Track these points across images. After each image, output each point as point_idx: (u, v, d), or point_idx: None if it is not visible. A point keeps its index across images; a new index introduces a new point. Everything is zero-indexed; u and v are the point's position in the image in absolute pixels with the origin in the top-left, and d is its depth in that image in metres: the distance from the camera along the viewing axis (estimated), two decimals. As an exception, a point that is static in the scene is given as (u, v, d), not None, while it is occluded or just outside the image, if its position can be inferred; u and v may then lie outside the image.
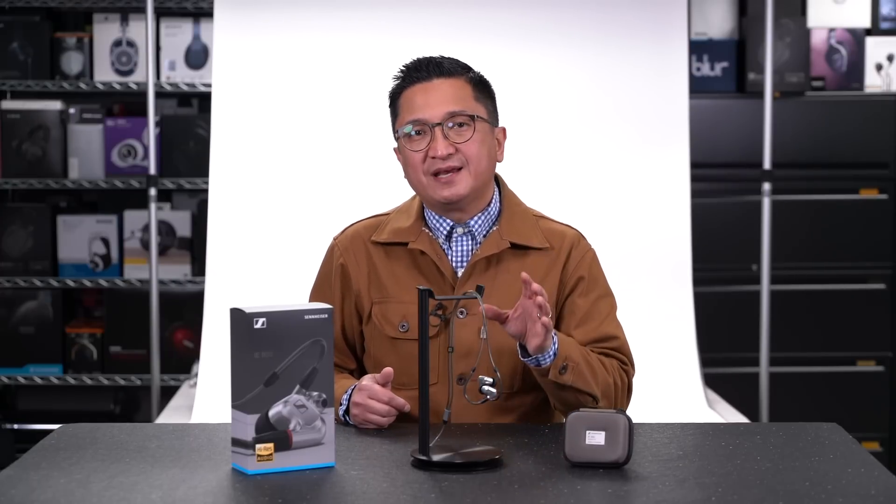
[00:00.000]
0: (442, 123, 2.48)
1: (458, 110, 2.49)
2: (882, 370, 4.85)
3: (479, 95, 2.54)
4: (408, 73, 2.54)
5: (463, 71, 2.54)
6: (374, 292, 2.56)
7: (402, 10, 4.06)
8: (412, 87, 2.52)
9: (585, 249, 2.59)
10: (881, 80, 4.91)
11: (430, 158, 2.49)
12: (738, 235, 4.74)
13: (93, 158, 4.90)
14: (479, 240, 2.55)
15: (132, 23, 4.89)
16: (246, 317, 2.04)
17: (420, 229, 2.55)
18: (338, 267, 2.60)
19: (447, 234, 2.55)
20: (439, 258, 2.53)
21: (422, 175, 2.51)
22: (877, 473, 2.06)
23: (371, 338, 2.57)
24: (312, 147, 4.02)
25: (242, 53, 4.05)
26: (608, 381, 2.47)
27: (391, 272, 2.56)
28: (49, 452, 2.19)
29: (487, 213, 2.56)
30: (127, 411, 5.05)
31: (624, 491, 1.99)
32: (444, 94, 2.50)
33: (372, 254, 2.58)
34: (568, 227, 2.62)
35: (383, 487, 2.00)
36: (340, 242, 2.62)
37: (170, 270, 4.87)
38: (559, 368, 2.37)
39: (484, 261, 2.53)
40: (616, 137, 4.05)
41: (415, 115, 2.50)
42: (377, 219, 2.63)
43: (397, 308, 2.54)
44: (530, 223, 2.58)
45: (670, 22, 4.09)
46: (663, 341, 3.91)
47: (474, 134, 2.50)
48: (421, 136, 2.50)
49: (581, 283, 2.55)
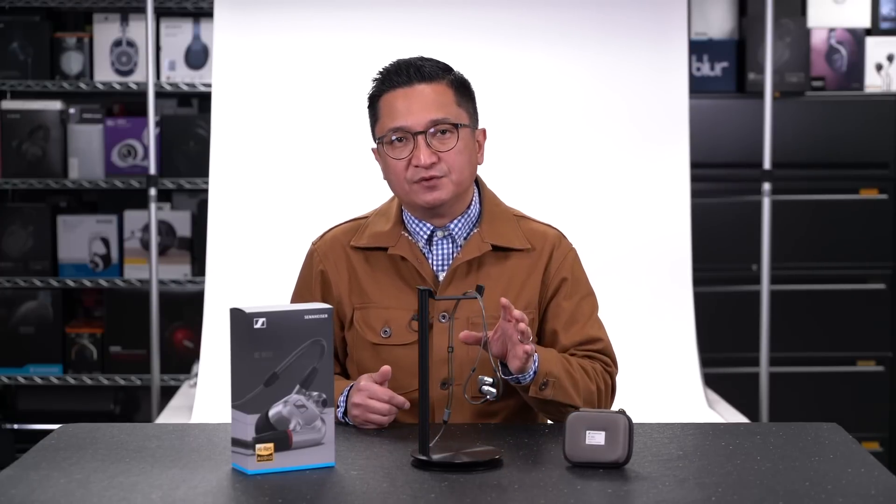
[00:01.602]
0: (425, 132, 2.46)
1: (441, 118, 2.46)
2: (882, 370, 4.85)
3: (461, 99, 2.51)
4: (388, 76, 2.50)
5: (444, 74, 2.51)
6: (354, 298, 2.55)
7: (401, 9, 4.06)
8: (393, 91, 2.48)
9: (567, 250, 2.58)
10: (881, 80, 4.91)
11: (413, 167, 2.46)
12: (738, 235, 4.74)
13: (93, 158, 4.90)
14: (459, 243, 2.53)
15: (132, 23, 4.89)
16: (246, 317, 2.04)
17: (399, 233, 2.53)
18: (317, 273, 2.58)
19: (427, 238, 2.53)
20: (420, 263, 2.51)
21: (404, 182, 2.48)
22: (877, 473, 2.06)
23: (353, 344, 2.56)
24: (312, 147, 4.02)
25: (242, 53, 4.05)
26: (591, 388, 2.47)
27: (372, 277, 2.54)
28: (49, 452, 2.19)
29: (467, 215, 2.54)
30: (127, 411, 5.05)
31: (624, 491, 1.99)
32: (426, 101, 2.46)
33: (352, 259, 2.56)
34: (549, 226, 2.61)
35: (383, 487, 2.00)
36: (319, 248, 2.60)
37: (170, 270, 4.87)
38: (539, 385, 2.37)
39: (465, 264, 2.51)
40: (616, 137, 4.05)
41: (396, 122, 2.47)
42: (356, 222, 2.61)
43: (379, 313, 2.52)
44: (511, 224, 2.56)
45: (670, 22, 4.09)
46: (663, 341, 3.91)
47: (458, 142, 2.47)
48: (403, 144, 2.47)
49: (564, 284, 2.54)
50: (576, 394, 2.42)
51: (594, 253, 3.31)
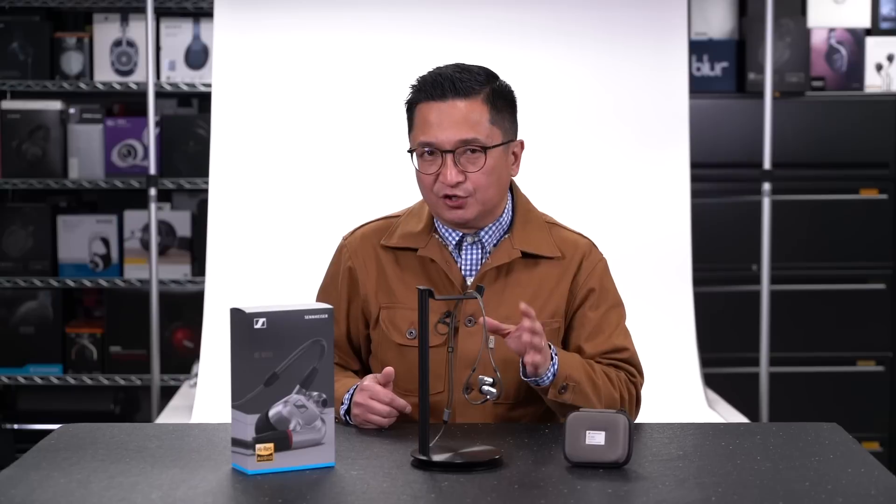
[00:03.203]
0: (454, 150, 2.43)
1: (471, 138, 2.43)
2: (882, 370, 4.85)
3: (496, 115, 2.47)
4: (423, 86, 2.47)
5: (480, 87, 2.46)
6: (382, 297, 2.54)
7: (401, 9, 4.06)
8: (427, 103, 2.45)
9: (597, 260, 2.57)
10: (881, 80, 4.91)
11: (440, 183, 2.45)
12: (738, 235, 4.74)
13: (93, 158, 4.90)
14: (488, 249, 2.52)
15: (132, 23, 4.89)
16: (246, 317, 2.04)
17: (430, 235, 2.53)
18: (346, 269, 2.57)
19: (457, 242, 2.53)
20: (448, 266, 2.50)
21: (431, 195, 2.47)
22: (877, 473, 2.06)
23: (378, 343, 2.56)
24: (312, 147, 4.02)
25: (242, 53, 4.05)
26: (613, 395, 2.45)
27: (400, 277, 2.53)
28: (49, 452, 2.19)
29: (498, 223, 2.53)
30: (127, 411, 5.05)
31: (624, 491, 1.99)
32: (458, 118, 2.43)
33: (381, 258, 2.55)
34: (580, 235, 2.59)
35: (383, 487, 2.00)
36: (350, 244, 2.59)
37: (170, 270, 4.87)
38: (559, 388, 2.37)
39: (494, 270, 2.50)
40: (616, 137, 4.05)
41: (427, 136, 2.44)
42: (387, 221, 2.60)
43: (405, 314, 2.52)
44: (543, 231, 2.55)
45: (670, 22, 4.09)
46: (663, 341, 3.91)
47: (486, 163, 2.44)
48: (432, 158, 2.45)
49: (592, 295, 2.53)
50: (597, 399, 2.41)
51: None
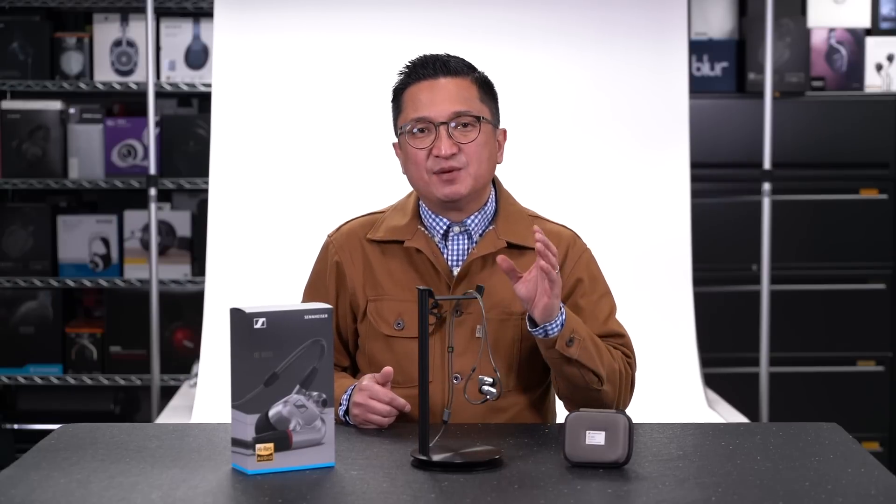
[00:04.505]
0: (447, 122, 2.49)
1: (463, 110, 2.50)
2: (882, 370, 4.85)
3: (484, 96, 2.54)
4: (413, 69, 2.54)
5: (468, 71, 2.55)
6: (369, 290, 2.56)
7: (401, 9, 4.06)
8: (417, 84, 2.52)
9: (582, 250, 2.59)
10: (881, 80, 4.91)
11: (434, 157, 2.49)
12: (738, 235, 4.74)
13: (93, 158, 4.90)
14: (475, 239, 2.55)
15: (132, 23, 4.89)
16: (246, 317, 2.04)
17: (416, 227, 2.55)
18: (333, 264, 2.59)
19: (443, 233, 2.55)
20: (435, 256, 2.52)
21: (424, 172, 2.50)
22: (877, 473, 2.06)
23: (366, 336, 2.57)
24: (312, 147, 4.02)
25: (242, 53, 4.05)
26: (614, 366, 2.46)
27: (387, 270, 2.56)
28: (49, 452, 2.19)
29: (484, 212, 2.56)
30: (127, 411, 5.05)
31: (624, 491, 1.99)
32: (450, 93, 2.50)
33: (367, 251, 2.58)
34: (563, 227, 2.62)
35: (383, 487, 2.00)
36: (336, 240, 2.62)
37: (170, 270, 4.87)
38: (566, 340, 2.37)
39: (480, 260, 2.52)
40: (616, 137, 4.05)
41: (420, 112, 2.50)
42: (372, 216, 2.63)
43: (392, 306, 2.54)
44: (526, 223, 2.57)
45: (670, 22, 4.09)
46: (663, 341, 3.91)
47: (479, 135, 2.50)
48: (425, 134, 2.50)
49: (580, 284, 2.55)
50: (599, 361, 2.42)
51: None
